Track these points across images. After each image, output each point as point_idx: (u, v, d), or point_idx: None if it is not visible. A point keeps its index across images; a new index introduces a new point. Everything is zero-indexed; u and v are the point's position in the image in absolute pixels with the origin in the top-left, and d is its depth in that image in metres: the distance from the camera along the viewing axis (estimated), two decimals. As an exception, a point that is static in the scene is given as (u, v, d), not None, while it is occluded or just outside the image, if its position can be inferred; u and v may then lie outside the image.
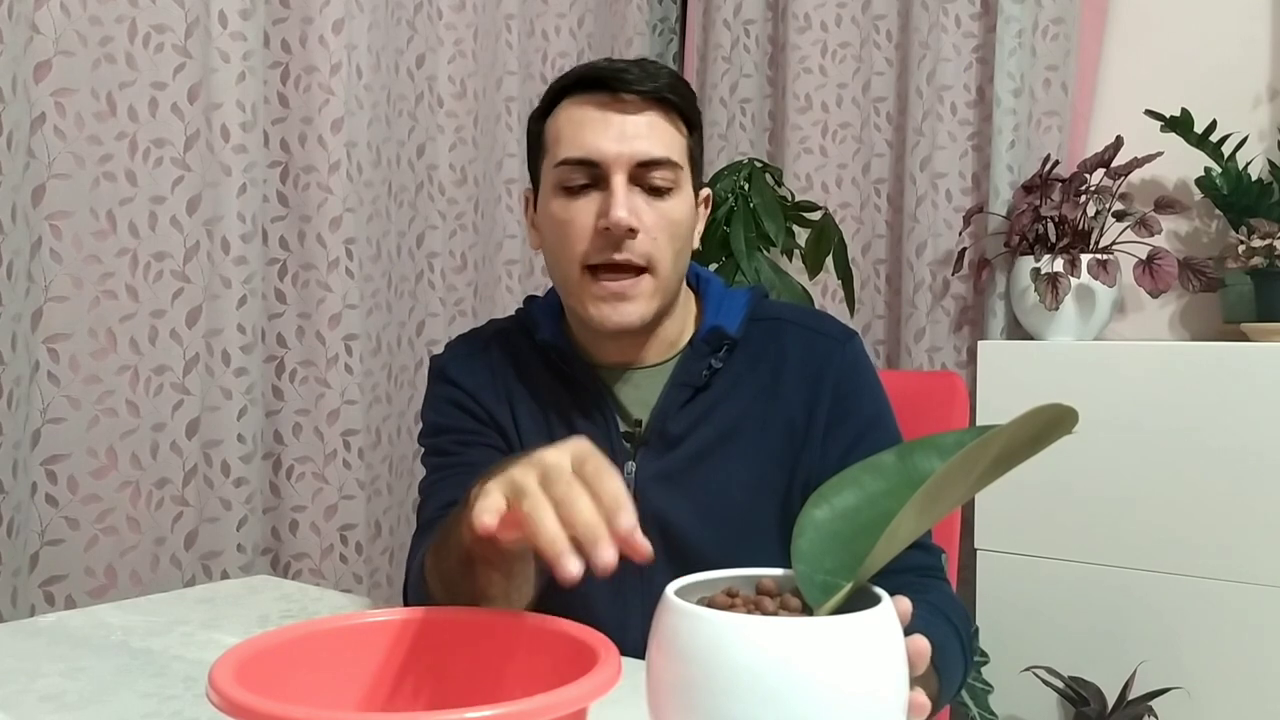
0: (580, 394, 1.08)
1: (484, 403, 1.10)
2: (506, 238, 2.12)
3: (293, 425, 1.73)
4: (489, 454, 1.08)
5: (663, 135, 1.01)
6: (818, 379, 1.05)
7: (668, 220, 1.00)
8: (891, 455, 0.67)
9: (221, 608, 1.06)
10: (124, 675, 0.84)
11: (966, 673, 0.90)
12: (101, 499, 1.49)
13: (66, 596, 1.46)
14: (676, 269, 1.03)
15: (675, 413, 1.04)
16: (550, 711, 0.53)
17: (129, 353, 1.51)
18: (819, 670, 0.53)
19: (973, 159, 2.14)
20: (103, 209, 1.48)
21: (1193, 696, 1.67)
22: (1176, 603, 1.70)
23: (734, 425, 1.04)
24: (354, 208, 1.75)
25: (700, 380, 1.05)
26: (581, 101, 1.01)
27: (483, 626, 0.69)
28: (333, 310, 1.73)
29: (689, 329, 1.11)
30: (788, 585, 0.63)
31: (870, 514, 0.65)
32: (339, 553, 1.75)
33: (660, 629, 0.57)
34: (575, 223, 1.00)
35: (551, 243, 1.04)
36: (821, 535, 0.64)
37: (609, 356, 1.08)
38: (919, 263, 2.14)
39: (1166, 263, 1.80)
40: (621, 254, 0.99)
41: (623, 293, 0.99)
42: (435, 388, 1.14)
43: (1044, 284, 1.84)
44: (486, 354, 1.13)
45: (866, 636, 0.55)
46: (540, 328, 1.10)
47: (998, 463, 0.60)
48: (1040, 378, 1.83)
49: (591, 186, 1.00)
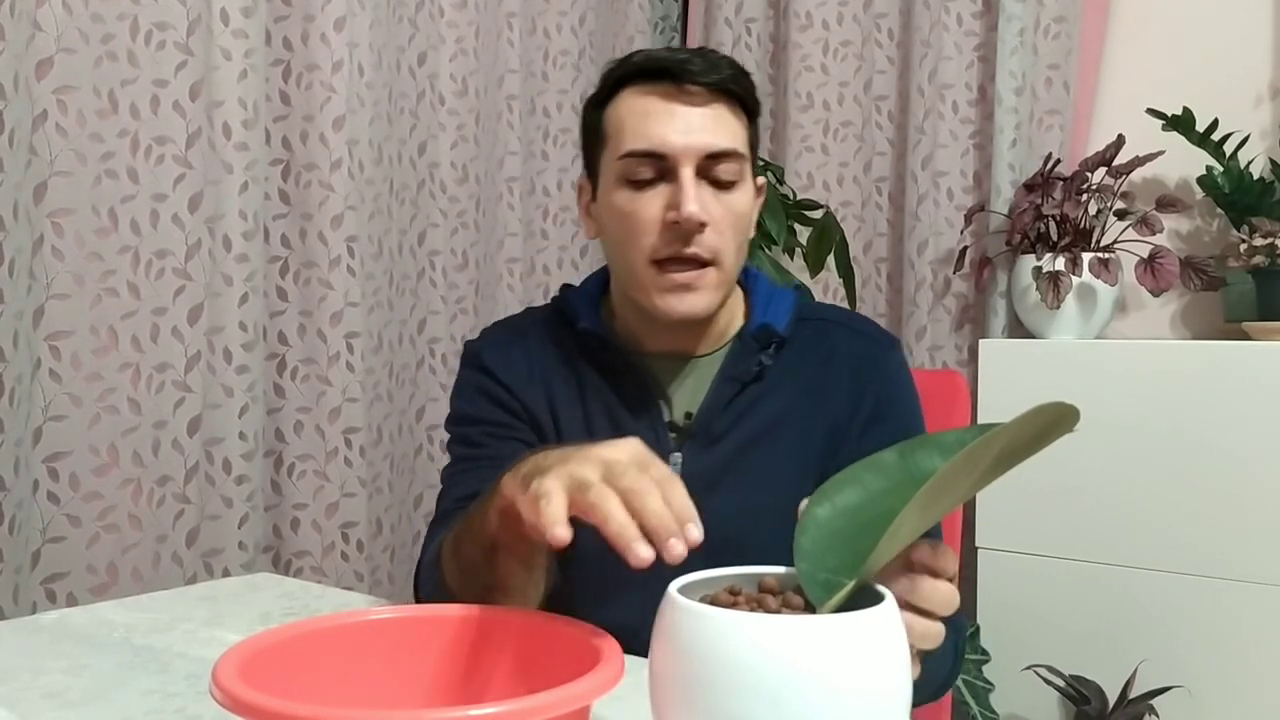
0: (625, 385, 1.07)
1: (518, 394, 1.09)
2: (508, 235, 2.12)
3: (294, 423, 1.73)
4: (517, 448, 1.05)
5: (728, 127, 1.00)
6: (862, 378, 1.06)
7: (733, 213, 1.00)
8: (893, 454, 0.67)
9: (223, 605, 1.06)
10: (126, 672, 0.84)
11: (953, 675, 0.89)
12: (103, 496, 1.49)
13: (68, 594, 1.46)
14: (739, 261, 1.03)
15: (723, 407, 1.04)
16: (552, 709, 0.54)
17: (130, 350, 1.51)
18: (821, 668, 0.53)
19: (974, 157, 2.14)
20: (104, 207, 1.48)
21: (1194, 695, 1.67)
22: (1177, 601, 1.70)
23: (779, 419, 1.04)
24: (355, 205, 1.75)
25: (749, 375, 1.05)
26: (644, 91, 1.00)
27: (486, 624, 0.69)
28: (334, 308, 1.73)
29: (736, 322, 1.10)
30: (790, 584, 0.63)
31: (872, 512, 0.65)
32: (340, 550, 1.75)
33: (663, 626, 0.58)
34: (641, 216, 0.99)
35: (615, 235, 1.03)
36: (824, 533, 0.64)
37: (659, 346, 1.07)
38: (920, 261, 2.14)
39: (1168, 261, 1.80)
40: (690, 248, 0.98)
41: (689, 284, 0.99)
42: (468, 375, 1.13)
43: (1045, 282, 1.84)
44: (524, 342, 1.12)
45: (869, 634, 0.55)
46: (581, 316, 1.08)
47: (1000, 461, 0.61)
48: (1041, 376, 1.83)
49: (658, 179, 0.99)
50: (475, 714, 0.51)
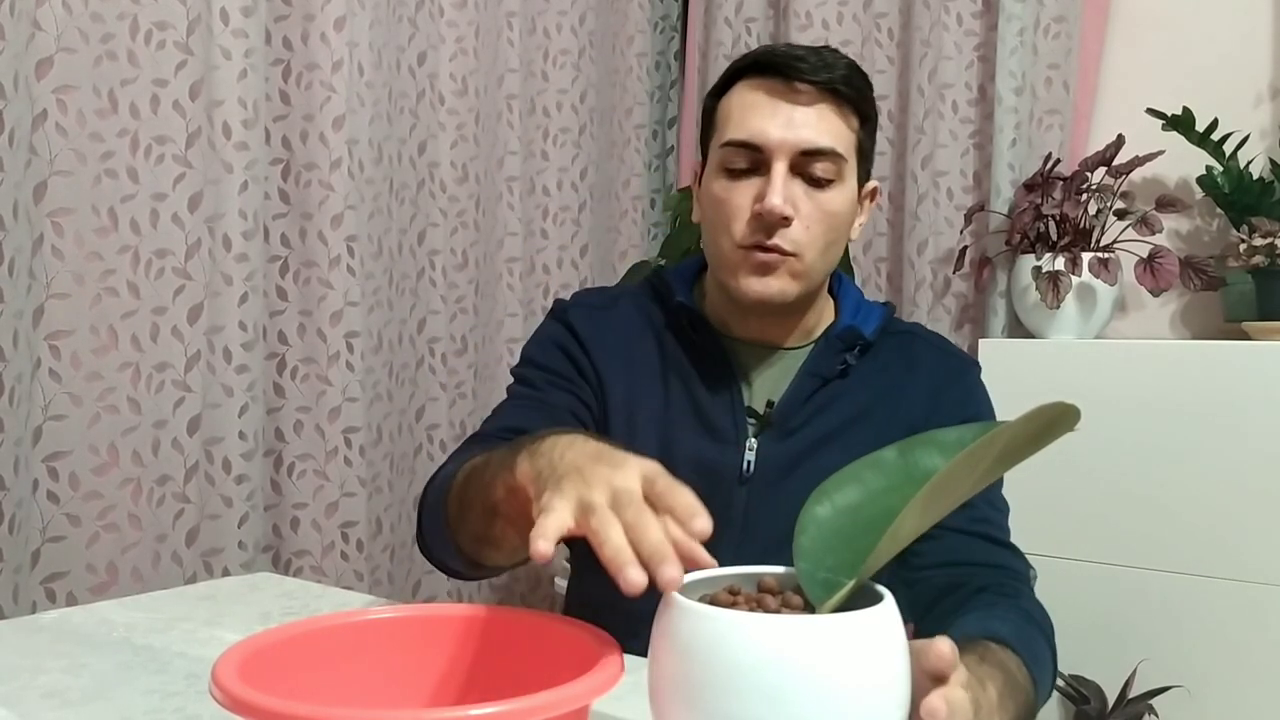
0: (709, 366, 1.08)
1: (594, 358, 1.10)
2: (508, 235, 2.12)
3: (294, 422, 1.73)
4: (574, 404, 1.08)
5: (830, 126, 1.01)
6: (942, 392, 1.07)
7: (824, 211, 1.01)
8: (893, 451, 0.67)
9: (223, 605, 1.06)
10: (126, 672, 0.84)
11: (1053, 682, 0.90)
12: (103, 496, 1.49)
13: (68, 593, 1.46)
14: (825, 259, 1.04)
15: (803, 400, 1.05)
16: (551, 709, 0.54)
17: (130, 350, 1.51)
18: (819, 668, 0.53)
19: (974, 157, 2.14)
20: (104, 206, 1.48)
21: (1193, 695, 1.67)
22: (1177, 601, 1.70)
23: (856, 417, 1.06)
24: (355, 205, 1.75)
25: (833, 373, 1.06)
26: (755, 85, 1.02)
27: (486, 624, 0.69)
28: (334, 307, 1.73)
29: (824, 322, 1.12)
30: (789, 583, 0.63)
31: (872, 511, 0.65)
32: (340, 550, 1.75)
33: (663, 626, 0.58)
34: (732, 204, 1.01)
35: (709, 219, 1.05)
36: (824, 532, 0.64)
37: (746, 334, 1.09)
38: (920, 261, 2.14)
39: (1168, 261, 1.80)
40: (773, 239, 1.00)
41: (768, 265, 1.00)
42: (549, 325, 1.15)
43: (1045, 282, 1.84)
44: (614, 309, 1.14)
45: (867, 634, 0.55)
46: (676, 291, 1.10)
47: (1000, 460, 0.61)
48: (1041, 376, 1.83)
49: (753, 171, 1.01)
50: (477, 713, 0.51)
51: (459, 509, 0.87)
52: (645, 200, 2.46)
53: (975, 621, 0.83)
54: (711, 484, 1.03)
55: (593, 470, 0.63)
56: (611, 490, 0.61)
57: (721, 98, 1.06)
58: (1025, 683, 0.78)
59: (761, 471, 1.04)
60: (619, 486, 0.61)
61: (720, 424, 1.06)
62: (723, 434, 1.05)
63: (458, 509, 0.88)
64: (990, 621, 0.83)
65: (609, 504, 0.60)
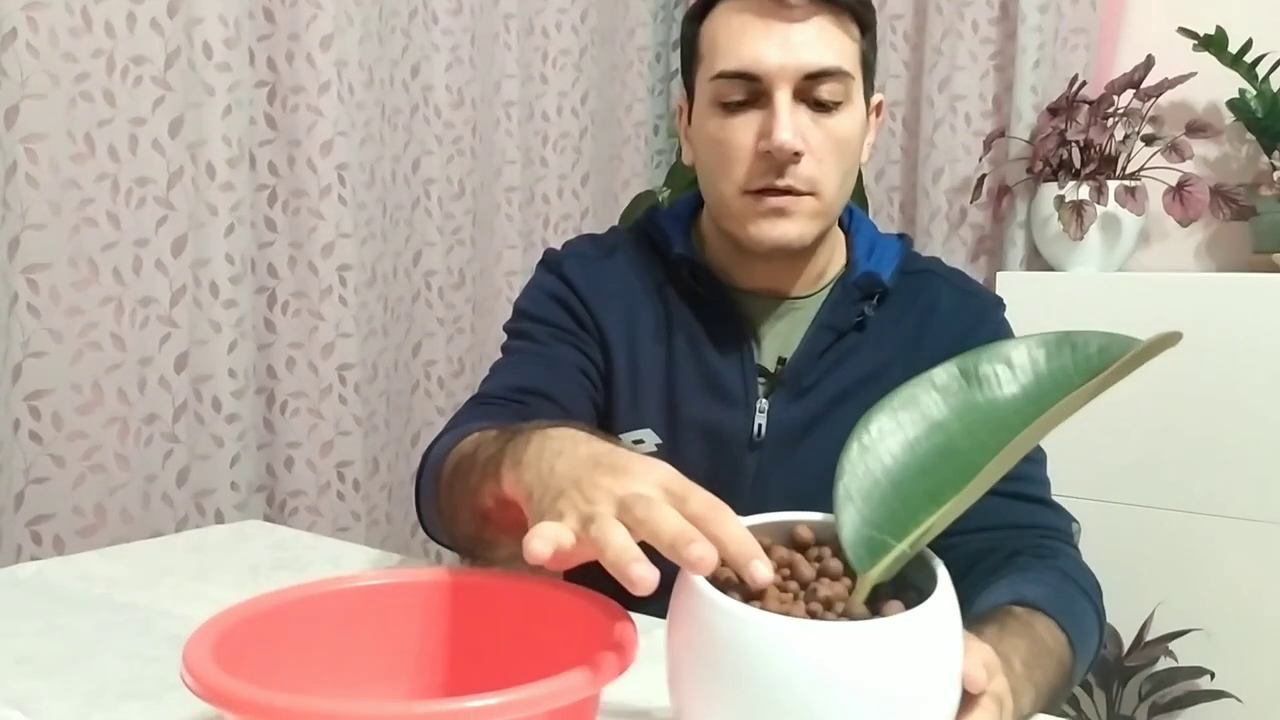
0: (715, 321, 0.99)
1: (594, 311, 1.01)
2: (506, 163, 2.03)
3: (286, 359, 1.66)
4: (579, 359, 0.99)
5: (832, 42, 0.89)
6: (968, 337, 0.97)
7: (835, 140, 0.91)
8: (952, 370, 0.58)
9: (211, 557, 1.01)
10: (105, 633, 0.79)
11: (1099, 649, 0.83)
12: (88, 436, 1.43)
13: (54, 536, 1.41)
14: (842, 192, 0.94)
15: (817, 356, 0.97)
16: (557, 699, 0.48)
17: (112, 284, 1.44)
18: (862, 680, 0.47)
19: (994, 80, 2.04)
20: (79, 131, 1.40)
21: (1211, 638, 1.63)
22: (1195, 542, 1.65)
23: (874, 373, 0.97)
24: (346, 131, 1.66)
25: (848, 325, 0.97)
26: (741, 7, 0.90)
27: (485, 592, 0.63)
28: (325, 239, 1.65)
29: (836, 265, 1.02)
30: (827, 534, 0.56)
31: (927, 447, 0.56)
32: (336, 490, 1.70)
33: (684, 610, 0.51)
34: (733, 143, 0.91)
35: (707, 163, 0.95)
36: (868, 477, 0.56)
37: (751, 283, 0.99)
38: (935, 190, 2.06)
39: (1197, 190, 1.73)
40: (784, 179, 0.89)
41: (783, 209, 0.90)
42: (542, 278, 1.05)
43: (1068, 212, 1.76)
44: (611, 260, 1.04)
45: (921, 638, 0.48)
46: (674, 242, 1.00)
47: (1091, 396, 0.55)
48: (1061, 310, 1.76)
49: (751, 103, 0.90)
50: (473, 706, 0.46)
51: (448, 505, 0.79)
52: (648, 126, 2.37)
53: (1003, 589, 0.76)
54: (720, 449, 0.97)
55: (591, 482, 0.55)
56: (616, 500, 0.52)
57: (703, 21, 0.94)
58: (1057, 645, 0.72)
59: (773, 435, 0.96)
60: (624, 496, 0.52)
61: (729, 385, 0.97)
62: (732, 395, 0.97)
63: (447, 504, 0.79)
64: (1021, 586, 0.76)
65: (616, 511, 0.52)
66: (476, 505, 0.71)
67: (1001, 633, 0.67)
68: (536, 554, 0.50)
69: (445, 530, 0.82)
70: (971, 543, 0.88)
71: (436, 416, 1.93)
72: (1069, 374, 0.61)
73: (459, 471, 0.76)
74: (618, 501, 0.52)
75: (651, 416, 0.98)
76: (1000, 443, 0.57)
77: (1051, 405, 0.59)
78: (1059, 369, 0.61)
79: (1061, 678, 0.70)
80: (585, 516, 0.52)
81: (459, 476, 0.75)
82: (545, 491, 0.57)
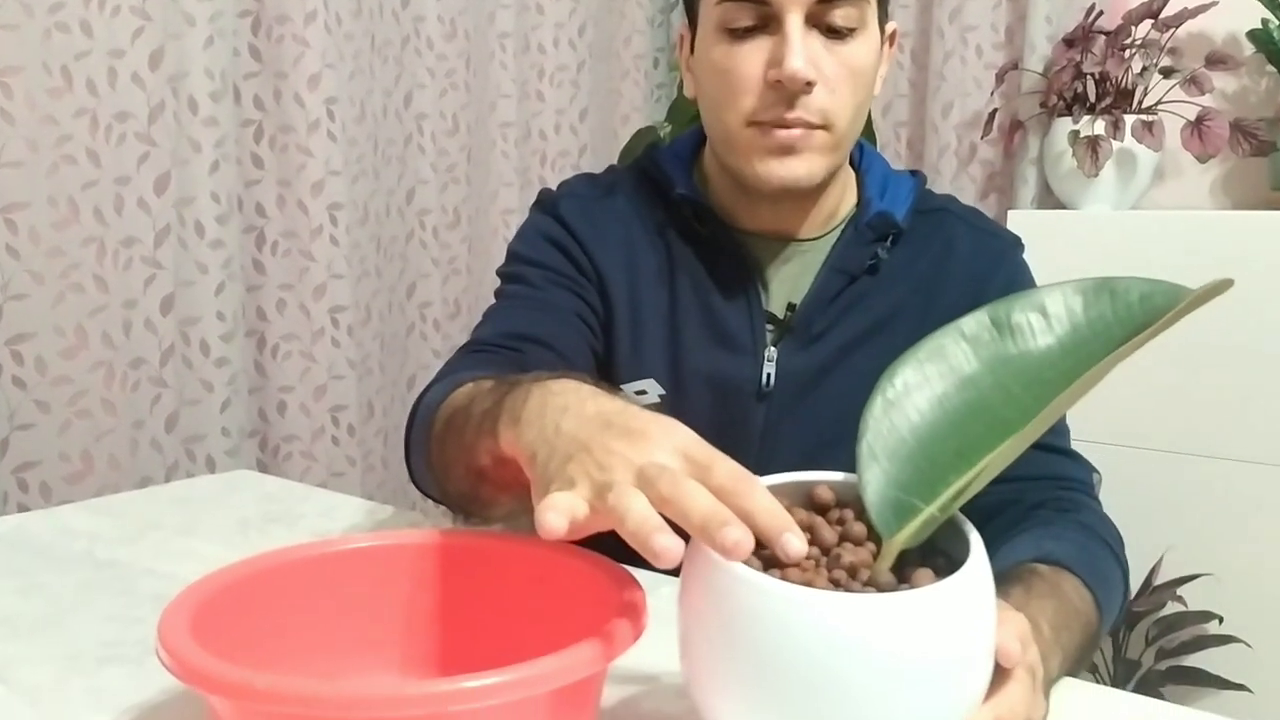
0: (720, 265, 0.94)
1: (593, 254, 0.95)
2: (501, 97, 1.97)
3: (276, 301, 1.62)
4: (577, 304, 0.94)
5: None
6: (985, 279, 0.92)
7: (849, 69, 0.85)
8: (983, 319, 0.54)
9: (198, 510, 0.97)
10: (86, 593, 0.76)
11: (1125, 598, 0.79)
12: (73, 380, 1.39)
13: (41, 483, 1.37)
14: (855, 125, 0.88)
15: (828, 301, 0.92)
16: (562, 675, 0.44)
17: (93, 223, 1.39)
18: (890, 653, 0.43)
19: (1007, 10, 1.96)
20: (55, 64, 1.34)
21: (1221, 582, 1.61)
22: (1204, 486, 1.62)
23: (887, 318, 0.92)
24: (334, 63, 1.60)
25: (861, 269, 0.92)
26: None
27: (484, 555, 0.60)
28: (315, 177, 1.59)
29: (847, 204, 0.97)
30: (850, 495, 0.53)
31: (957, 402, 0.52)
32: (330, 435, 1.66)
33: (699, 578, 0.48)
34: (740, 73, 0.85)
35: (711, 94, 0.88)
36: (893, 434, 0.52)
37: (757, 224, 0.94)
38: (944, 125, 2.00)
39: (1217, 124, 1.67)
40: (794, 111, 0.83)
41: (793, 145, 0.85)
42: (537, 219, 0.99)
43: (1083, 148, 1.71)
44: (610, 201, 0.98)
45: (951, 611, 0.44)
46: (675, 182, 0.95)
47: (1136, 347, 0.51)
48: (1074, 250, 1.71)
49: (759, 29, 0.84)
50: (470, 686, 0.42)
51: (440, 461, 0.74)
52: (648, 60, 2.29)
53: (1026, 544, 0.73)
54: (726, 400, 0.92)
55: (604, 447, 0.50)
56: (635, 469, 0.48)
57: None
58: (1084, 605, 0.69)
59: (783, 385, 0.92)
60: (643, 465, 0.48)
61: (736, 332, 0.92)
62: (738, 343, 0.92)
63: (439, 460, 0.74)
64: (1044, 541, 0.73)
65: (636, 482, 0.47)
66: (472, 463, 0.67)
67: (1028, 595, 0.63)
68: (552, 528, 0.46)
69: (437, 485, 0.77)
70: (990, 495, 0.84)
71: (432, 359, 1.89)
72: (1108, 324, 0.56)
73: (452, 426, 0.71)
74: (637, 471, 0.48)
75: (654, 366, 0.93)
76: (1035, 398, 0.53)
77: (1089, 357, 0.54)
78: (1098, 318, 0.57)
79: (1088, 639, 0.67)
80: (600, 485, 0.48)
81: (452, 431, 0.71)
82: (552, 454, 0.52)
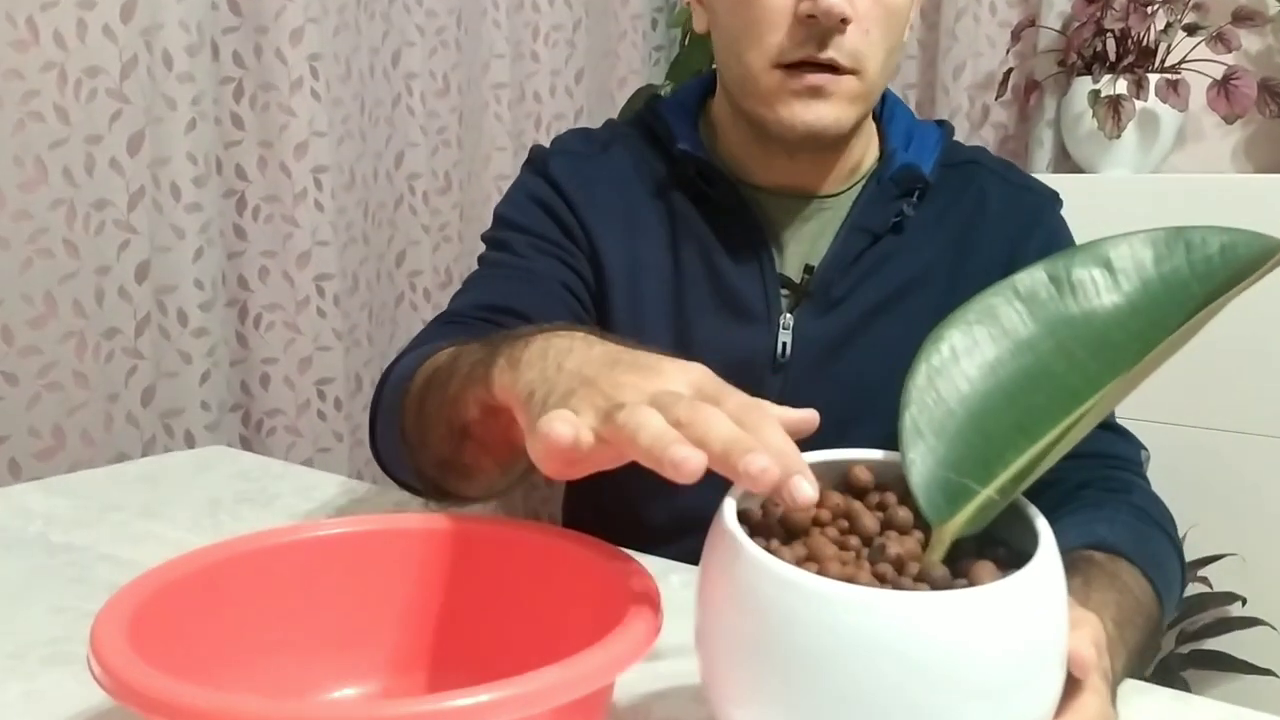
0: (728, 226, 0.87)
1: (583, 216, 0.89)
2: (494, 57, 1.88)
3: (258, 268, 1.54)
4: (564, 273, 0.87)
5: None
6: (1023, 236, 0.86)
7: (884, 9, 0.78)
8: (1039, 275, 0.48)
9: (165, 489, 0.90)
10: (37, 580, 0.69)
11: (1182, 585, 0.74)
12: (42, 351, 1.32)
13: (10, 460, 1.30)
14: (886, 71, 0.82)
15: (850, 262, 0.85)
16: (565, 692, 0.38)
17: (63, 184, 1.31)
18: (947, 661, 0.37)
19: (1023, -36, 1.89)
20: (20, 16, 1.26)
21: (1248, 562, 1.55)
22: (1232, 463, 1.56)
23: (915, 280, 0.86)
24: (317, 18, 1.51)
25: (885, 227, 0.86)
26: None
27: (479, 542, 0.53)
28: (298, 138, 1.51)
29: (870, 158, 0.90)
30: (891, 475, 0.46)
31: (1013, 369, 0.46)
32: (316, 409, 1.59)
33: (717, 566, 0.41)
34: (766, 5, 0.78)
35: (731, 32, 0.81)
36: (943, 406, 0.46)
37: (773, 179, 0.87)
38: (956, 86, 1.92)
39: (1244, 84, 1.59)
40: (826, 52, 0.77)
41: (821, 87, 0.78)
42: (526, 179, 0.93)
43: (1104, 108, 1.63)
44: (605, 158, 0.91)
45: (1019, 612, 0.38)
46: (678, 136, 0.88)
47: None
48: (1093, 215, 1.62)
49: None
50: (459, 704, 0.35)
51: (417, 425, 0.66)
52: (646, 19, 2.21)
53: (1077, 528, 0.66)
54: (739, 373, 0.84)
55: (612, 380, 0.44)
56: (649, 396, 0.42)
57: None
58: (1145, 596, 0.63)
59: (800, 354, 0.85)
60: (656, 391, 0.43)
61: (747, 298, 0.86)
62: (751, 310, 0.86)
63: (416, 424, 0.67)
64: (1096, 525, 0.67)
65: (649, 404, 0.41)
66: (456, 418, 0.60)
67: (1087, 586, 0.57)
68: (559, 435, 0.40)
69: (411, 458, 0.69)
70: None
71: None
72: (1184, 279, 0.50)
73: (433, 384, 0.64)
74: (649, 397, 0.42)
75: (656, 338, 0.86)
76: (1103, 364, 0.47)
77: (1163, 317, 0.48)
78: (1172, 273, 0.50)
79: (1151, 635, 0.61)
80: (608, 411, 0.42)
81: (434, 388, 0.64)
82: (551, 390, 0.46)
